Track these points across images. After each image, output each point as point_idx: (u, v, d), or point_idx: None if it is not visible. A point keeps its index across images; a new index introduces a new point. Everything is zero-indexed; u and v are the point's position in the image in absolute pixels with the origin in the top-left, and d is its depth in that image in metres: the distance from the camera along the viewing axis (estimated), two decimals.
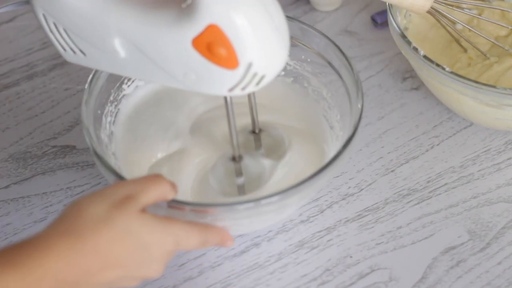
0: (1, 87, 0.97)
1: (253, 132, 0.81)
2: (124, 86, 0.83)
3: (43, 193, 0.87)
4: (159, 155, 0.84)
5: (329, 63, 0.82)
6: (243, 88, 0.66)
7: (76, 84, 0.97)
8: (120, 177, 0.72)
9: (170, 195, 0.68)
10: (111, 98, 0.82)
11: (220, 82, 0.66)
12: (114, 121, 0.82)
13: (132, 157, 0.82)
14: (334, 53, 0.81)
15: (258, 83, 0.66)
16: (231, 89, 0.67)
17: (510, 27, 0.94)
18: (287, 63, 0.86)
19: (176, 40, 0.65)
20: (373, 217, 0.84)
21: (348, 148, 0.74)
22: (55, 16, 0.69)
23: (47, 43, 1.01)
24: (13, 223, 0.85)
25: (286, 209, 0.77)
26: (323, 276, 0.80)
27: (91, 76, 0.79)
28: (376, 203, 0.85)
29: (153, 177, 0.68)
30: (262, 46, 0.64)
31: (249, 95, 0.76)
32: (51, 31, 0.71)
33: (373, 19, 1.03)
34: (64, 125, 0.93)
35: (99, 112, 0.79)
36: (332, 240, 0.82)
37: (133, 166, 0.81)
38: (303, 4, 1.06)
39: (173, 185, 0.69)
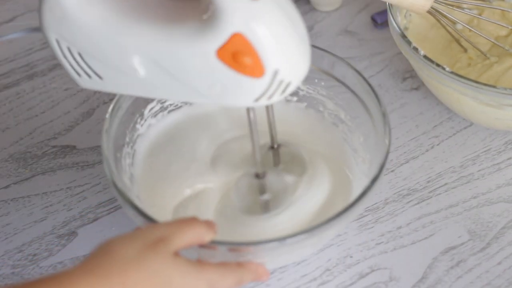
0: (1, 87, 0.97)
1: (272, 147, 0.80)
2: (137, 125, 0.82)
3: (43, 193, 0.87)
4: (184, 195, 0.81)
5: (352, 91, 0.81)
6: (270, 97, 0.66)
7: (76, 84, 0.97)
8: (151, 221, 0.70)
9: (207, 237, 0.67)
10: (127, 139, 0.81)
11: (246, 92, 0.65)
12: (132, 162, 0.81)
13: (155, 199, 0.80)
14: (358, 80, 0.80)
15: (283, 91, 0.66)
16: (257, 99, 0.66)
17: (510, 27, 0.94)
18: (299, 88, 0.86)
19: (199, 52, 0.64)
20: (373, 217, 0.84)
21: (376, 184, 0.73)
22: (69, 39, 0.67)
23: (47, 43, 1.01)
24: (13, 223, 0.85)
25: (322, 241, 0.78)
26: (323, 276, 0.80)
27: (109, 112, 0.78)
28: (376, 203, 0.85)
29: (188, 220, 0.66)
30: (287, 52, 0.63)
31: (267, 108, 0.75)
32: (65, 57, 0.69)
33: (373, 19, 1.03)
34: (64, 125, 0.93)
35: (118, 155, 0.78)
36: (332, 240, 0.82)
37: (157, 208, 0.79)
38: (303, 4, 1.06)
39: (211, 227, 0.67)
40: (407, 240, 0.82)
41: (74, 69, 0.70)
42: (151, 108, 0.83)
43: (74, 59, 0.69)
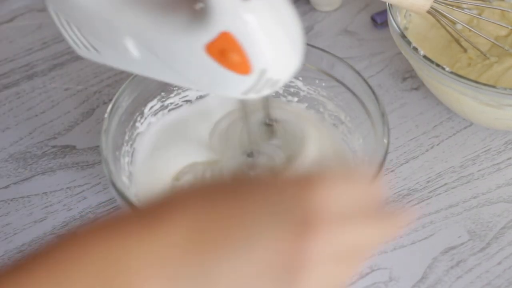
0: (1, 87, 0.97)
1: (266, 123, 0.80)
2: (137, 124, 0.82)
3: (43, 193, 0.87)
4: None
5: (351, 91, 0.81)
6: (258, 92, 0.65)
7: (76, 84, 0.97)
8: None
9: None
10: (126, 137, 0.81)
11: (234, 86, 0.65)
12: (131, 161, 0.81)
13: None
14: (357, 80, 0.80)
15: (272, 86, 0.65)
16: (245, 92, 0.66)
17: (510, 27, 0.94)
18: (300, 89, 0.86)
19: (188, 45, 0.64)
20: None
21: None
22: (67, 15, 0.68)
23: (47, 43, 1.01)
24: (13, 223, 0.85)
25: None
26: None
27: (109, 109, 0.78)
28: None
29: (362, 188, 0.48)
30: (276, 52, 0.63)
31: None
32: (64, 28, 0.69)
33: (373, 19, 1.03)
34: (64, 125, 0.93)
35: (117, 153, 0.78)
36: None
37: None
38: (303, 4, 1.06)
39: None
40: (407, 240, 0.82)
41: (73, 40, 0.70)
42: (152, 107, 0.83)
43: (73, 31, 0.69)
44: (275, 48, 0.63)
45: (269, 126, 0.80)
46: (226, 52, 0.63)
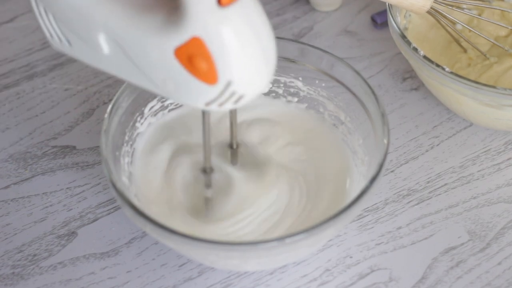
0: (1, 87, 0.97)
1: (231, 147, 0.80)
2: (137, 124, 0.82)
3: (43, 193, 0.87)
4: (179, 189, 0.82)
5: (351, 91, 0.81)
6: (221, 104, 0.65)
7: (76, 84, 0.97)
8: (150, 221, 0.70)
9: None
10: (126, 138, 0.81)
11: (198, 95, 0.65)
12: (131, 161, 0.81)
13: (153, 197, 0.80)
14: (357, 81, 0.80)
15: (236, 102, 0.65)
16: (208, 104, 0.65)
17: (510, 27, 0.94)
18: (300, 89, 0.86)
19: (159, 46, 0.63)
20: (373, 217, 0.84)
21: (375, 183, 0.73)
22: (45, 3, 0.68)
23: (47, 43, 1.01)
24: (13, 223, 0.85)
25: (321, 241, 0.77)
26: (323, 276, 0.80)
27: (110, 107, 0.78)
28: (376, 203, 0.85)
29: None
30: (245, 66, 0.62)
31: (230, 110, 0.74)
32: (40, 15, 0.69)
33: (373, 19, 1.03)
34: (64, 125, 0.93)
35: (117, 153, 0.78)
36: (332, 240, 0.82)
37: (155, 205, 0.79)
38: (303, 4, 1.06)
39: None
40: (407, 241, 0.82)
41: (48, 29, 0.70)
42: (152, 107, 0.84)
43: (49, 20, 0.69)
44: (245, 62, 0.62)
45: (234, 150, 0.80)
46: (195, 58, 0.62)
